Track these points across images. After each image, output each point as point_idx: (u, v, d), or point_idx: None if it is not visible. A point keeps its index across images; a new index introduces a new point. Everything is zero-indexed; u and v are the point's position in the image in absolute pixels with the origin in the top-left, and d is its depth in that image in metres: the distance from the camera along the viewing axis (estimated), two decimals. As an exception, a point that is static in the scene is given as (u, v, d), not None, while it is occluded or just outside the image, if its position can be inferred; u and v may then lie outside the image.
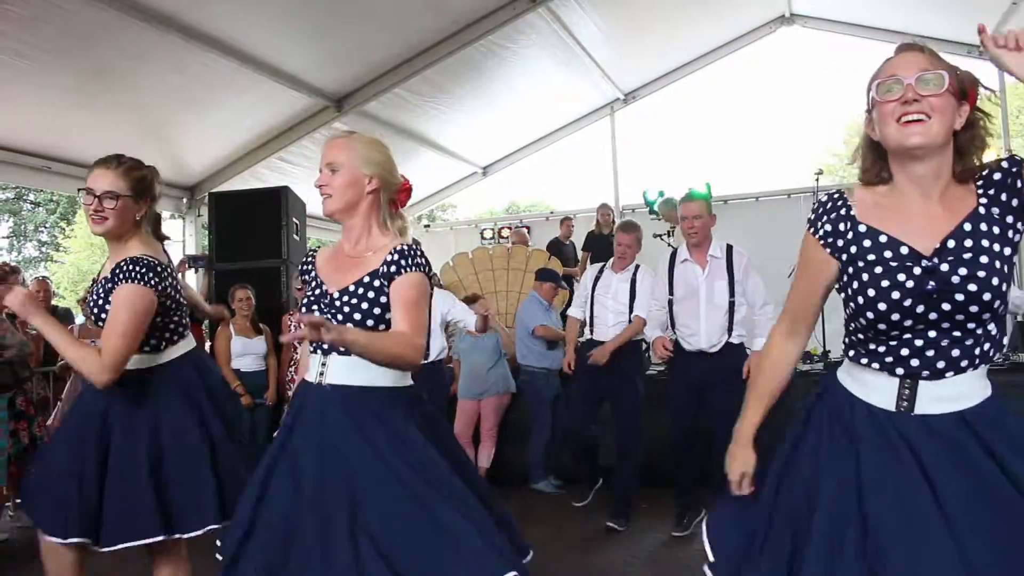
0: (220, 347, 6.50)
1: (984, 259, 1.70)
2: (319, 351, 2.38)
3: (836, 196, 1.90)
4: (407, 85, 9.02)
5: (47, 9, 5.84)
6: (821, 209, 1.91)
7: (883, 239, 1.79)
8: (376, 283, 2.34)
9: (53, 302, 7.88)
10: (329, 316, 2.31)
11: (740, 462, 2.02)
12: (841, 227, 1.86)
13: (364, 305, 2.32)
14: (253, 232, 7.58)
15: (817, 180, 8.43)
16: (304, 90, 8.39)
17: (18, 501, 6.61)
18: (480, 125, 11.17)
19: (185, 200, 9.42)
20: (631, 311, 5.57)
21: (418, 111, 9.84)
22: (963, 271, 1.69)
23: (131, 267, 2.77)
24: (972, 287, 1.68)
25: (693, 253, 5.14)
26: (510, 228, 12.10)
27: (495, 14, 8.50)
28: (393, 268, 2.33)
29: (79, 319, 7.97)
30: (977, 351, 1.75)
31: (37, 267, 30.48)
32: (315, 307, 2.39)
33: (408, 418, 2.30)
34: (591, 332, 5.74)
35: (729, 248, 5.15)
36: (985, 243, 1.71)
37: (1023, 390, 6.13)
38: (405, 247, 2.37)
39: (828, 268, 1.89)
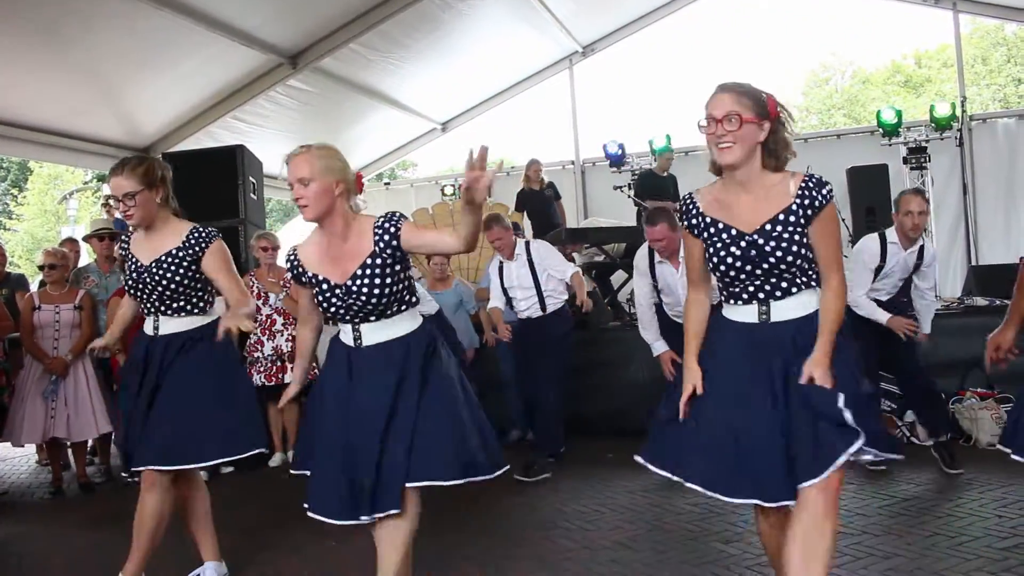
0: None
1: (788, 236, 2.53)
2: (349, 324, 2.94)
3: (688, 200, 2.74)
4: (362, 40, 8.90)
5: (-12, -34, 5.69)
6: (684, 209, 2.74)
7: (720, 225, 2.64)
8: (379, 260, 2.86)
9: (7, 269, 7.70)
10: (350, 302, 2.86)
11: (692, 375, 2.71)
12: (695, 220, 2.71)
13: (377, 281, 2.84)
14: (209, 192, 7.43)
15: (776, 130, 8.46)
16: (257, 47, 8.25)
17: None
18: (438, 80, 11.06)
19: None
20: (538, 289, 6.03)
21: (374, 67, 9.72)
22: (773, 244, 2.54)
23: (203, 232, 3.48)
24: (779, 253, 2.53)
25: (668, 261, 5.49)
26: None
27: (451, -35, 8.41)
28: (387, 236, 2.86)
29: (34, 285, 7.82)
30: (798, 281, 2.59)
31: (-10, 235, 29.87)
32: (332, 299, 2.90)
33: (432, 346, 2.95)
34: (516, 314, 6.21)
35: None
36: (790, 228, 2.54)
37: (978, 331, 6.34)
38: (381, 219, 2.88)
39: (698, 245, 2.73)
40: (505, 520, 4.64)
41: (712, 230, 2.65)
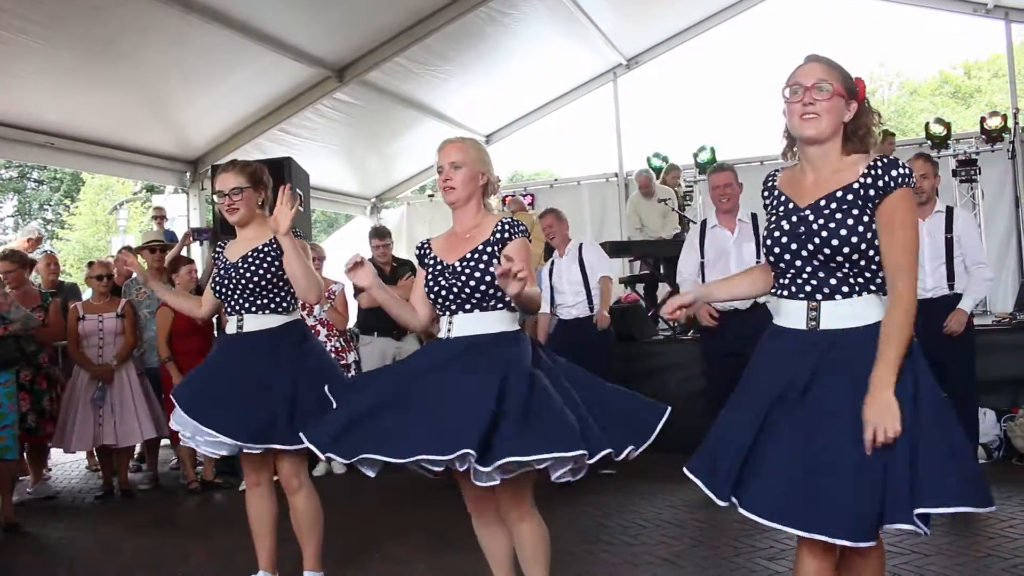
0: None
1: (841, 216, 2.30)
2: (447, 313, 2.96)
3: (771, 175, 2.60)
4: (408, 54, 8.97)
5: (46, -16, 5.83)
6: (765, 184, 2.59)
7: (783, 198, 2.48)
8: (489, 249, 2.93)
9: (60, 277, 7.88)
10: (453, 282, 2.92)
11: (679, 297, 2.70)
12: (767, 194, 2.57)
13: (481, 266, 2.90)
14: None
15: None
16: (305, 61, 8.35)
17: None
18: (482, 93, 11.10)
19: (188, 174, 9.41)
20: (587, 288, 6.15)
21: (420, 80, 9.78)
22: (822, 221, 2.31)
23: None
24: (825, 233, 2.29)
25: (722, 219, 5.48)
26: (511, 196, 12.03)
27: (495, -21, 8.45)
28: (504, 235, 2.93)
29: (86, 294, 7.98)
30: (852, 281, 2.31)
31: (43, 245, 30.51)
32: (440, 278, 2.96)
33: (523, 348, 2.88)
34: (557, 315, 6.33)
35: (754, 216, 5.46)
36: (846, 207, 2.30)
37: (1029, 348, 6.24)
38: (507, 220, 2.97)
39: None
40: (555, 534, 4.62)
41: (776, 204, 2.51)
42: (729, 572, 3.84)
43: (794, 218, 2.38)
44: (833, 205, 2.32)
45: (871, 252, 2.28)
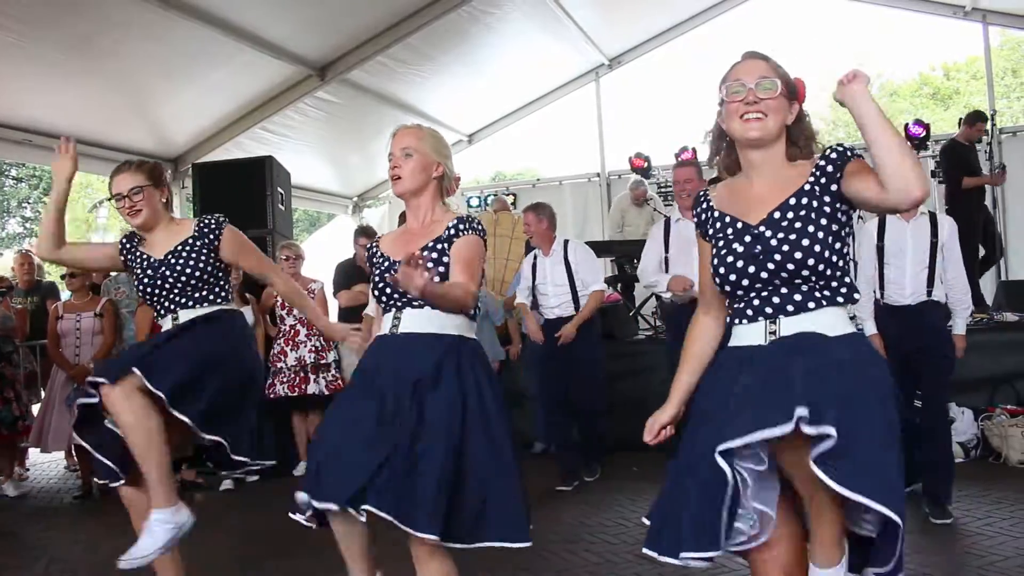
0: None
1: (800, 225, 2.09)
2: (393, 309, 2.75)
3: (702, 195, 2.34)
4: (390, 52, 8.96)
5: (24, -21, 5.78)
6: (696, 206, 2.34)
7: (727, 219, 2.22)
8: (439, 246, 2.73)
9: (37, 276, 7.82)
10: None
11: (660, 414, 2.38)
12: (704, 217, 2.31)
13: (430, 264, 2.57)
14: (238, 202, 7.50)
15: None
16: (286, 58, 8.32)
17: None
18: (465, 92, 11.10)
19: (169, 172, 9.34)
20: (572, 288, 5.92)
21: (402, 79, 9.77)
22: (781, 235, 2.09)
23: (211, 218, 3.39)
24: (786, 248, 2.08)
25: (685, 213, 5.40)
26: (493, 196, 12.03)
27: (477, -22, 8.45)
28: (454, 232, 2.73)
29: (64, 295, 7.93)
30: (818, 295, 2.10)
31: (21, 243, 30.23)
32: (386, 276, 2.72)
33: (473, 361, 2.70)
34: (543, 315, 6.09)
35: None
36: (804, 214, 2.10)
37: (1008, 347, 6.30)
38: (464, 216, 2.79)
39: (708, 250, 2.29)
40: (538, 532, 4.62)
41: (719, 226, 2.24)
42: (710, 570, 3.85)
43: (747, 238, 2.15)
44: (789, 215, 2.12)
45: (835, 259, 2.09)
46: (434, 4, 8.50)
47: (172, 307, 3.33)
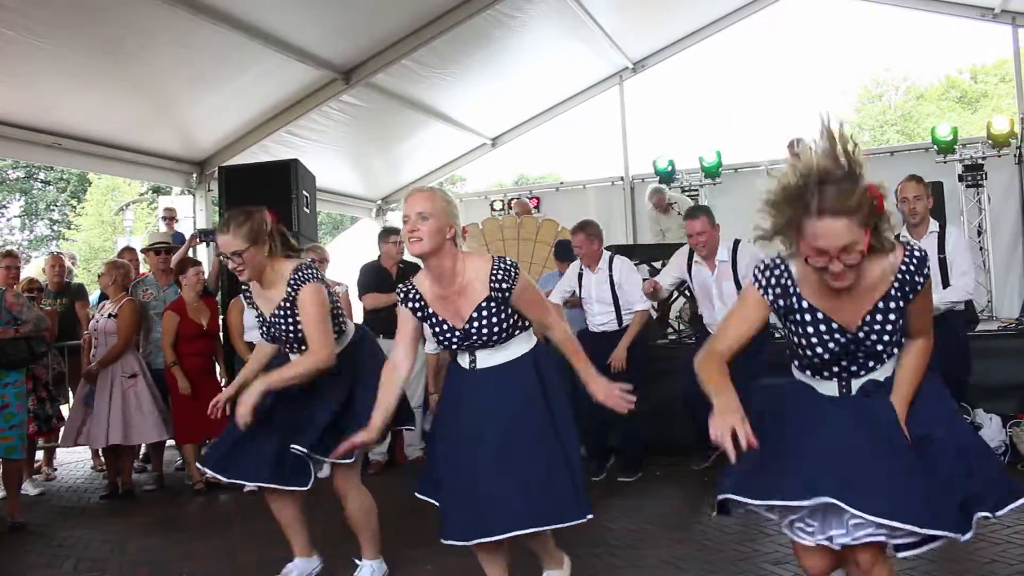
0: (233, 320, 6.51)
1: (889, 327, 2.39)
2: (467, 351, 3.14)
3: (782, 267, 2.46)
4: (415, 56, 8.98)
5: (55, -15, 5.85)
6: (769, 273, 2.47)
7: (820, 315, 2.42)
8: (492, 306, 3.03)
9: (66, 279, 7.90)
10: (467, 335, 3.06)
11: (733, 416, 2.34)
12: (783, 293, 2.46)
13: (494, 319, 3.03)
14: (263, 205, 7.54)
15: (828, 147, 8.30)
16: (312, 63, 8.36)
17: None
18: (488, 96, 11.12)
19: (195, 175, 9.43)
20: (616, 305, 6.06)
21: (426, 82, 9.80)
22: (874, 337, 2.39)
23: (298, 276, 3.62)
24: (879, 347, 2.41)
25: (705, 261, 5.63)
26: (516, 199, 12.02)
27: (502, -18, 8.46)
28: (504, 287, 3.02)
29: (93, 296, 8.02)
30: (883, 356, 2.45)
31: (49, 245, 30.62)
32: (451, 335, 3.10)
33: (545, 369, 3.14)
34: (589, 325, 6.23)
35: (735, 244, 5.56)
36: (891, 316, 2.39)
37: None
38: (501, 268, 3.02)
39: (763, 313, 2.50)
40: (562, 537, 4.61)
41: (808, 318, 2.43)
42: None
43: (843, 339, 2.41)
44: (879, 318, 2.39)
45: (900, 338, 2.45)
46: (458, 8, 8.52)
47: (295, 349, 3.74)
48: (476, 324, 3.03)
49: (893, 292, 2.37)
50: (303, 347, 3.66)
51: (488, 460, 2.96)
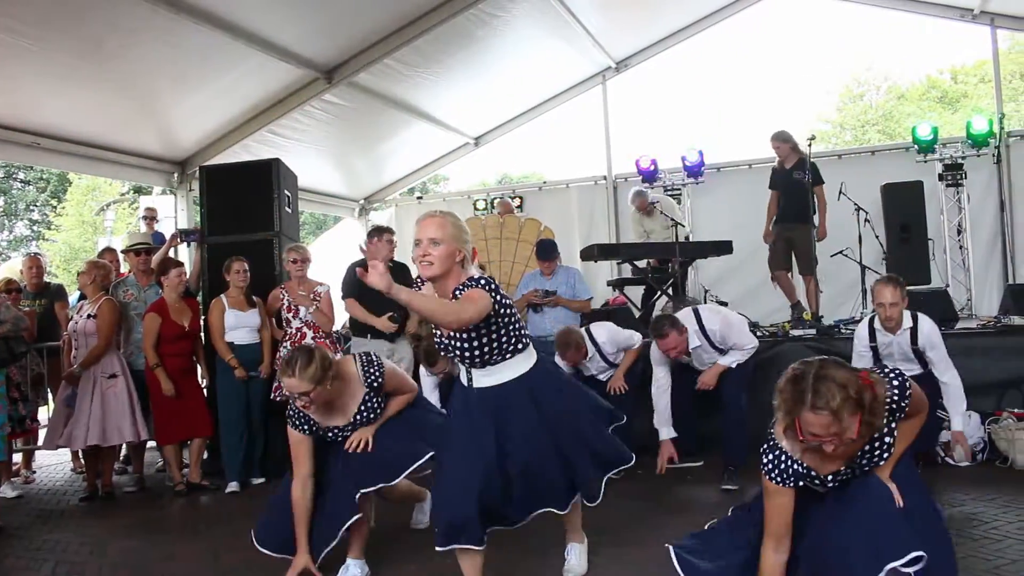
0: (214, 320, 6.47)
1: (878, 452, 2.86)
2: (467, 365, 3.32)
3: (782, 456, 2.89)
4: (397, 55, 8.96)
5: (34, -17, 5.80)
6: (779, 470, 2.89)
7: (813, 473, 2.88)
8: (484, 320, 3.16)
9: (45, 279, 7.85)
10: (461, 350, 3.23)
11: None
12: (795, 475, 2.89)
13: (483, 338, 3.17)
14: (245, 205, 7.52)
15: (810, 146, 8.30)
16: (294, 62, 8.33)
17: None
18: (471, 95, 11.11)
19: (176, 175, 9.38)
20: (610, 363, 6.16)
21: (409, 82, 9.78)
22: (874, 462, 2.88)
23: (370, 371, 4.00)
24: (872, 464, 2.89)
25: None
26: (499, 199, 12.02)
27: (484, -19, 8.45)
28: (498, 305, 3.15)
29: (73, 297, 7.96)
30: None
31: (28, 246, 30.35)
32: (449, 344, 3.26)
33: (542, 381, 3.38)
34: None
35: (700, 323, 5.68)
36: (887, 440, 2.86)
37: (1015, 351, 6.28)
38: (491, 287, 3.14)
39: (792, 494, 2.91)
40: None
41: (816, 476, 2.89)
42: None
43: (846, 475, 2.91)
44: (876, 446, 2.86)
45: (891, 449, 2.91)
46: (441, 7, 8.50)
47: None
48: (466, 337, 3.18)
49: (888, 441, 2.86)
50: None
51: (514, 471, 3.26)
